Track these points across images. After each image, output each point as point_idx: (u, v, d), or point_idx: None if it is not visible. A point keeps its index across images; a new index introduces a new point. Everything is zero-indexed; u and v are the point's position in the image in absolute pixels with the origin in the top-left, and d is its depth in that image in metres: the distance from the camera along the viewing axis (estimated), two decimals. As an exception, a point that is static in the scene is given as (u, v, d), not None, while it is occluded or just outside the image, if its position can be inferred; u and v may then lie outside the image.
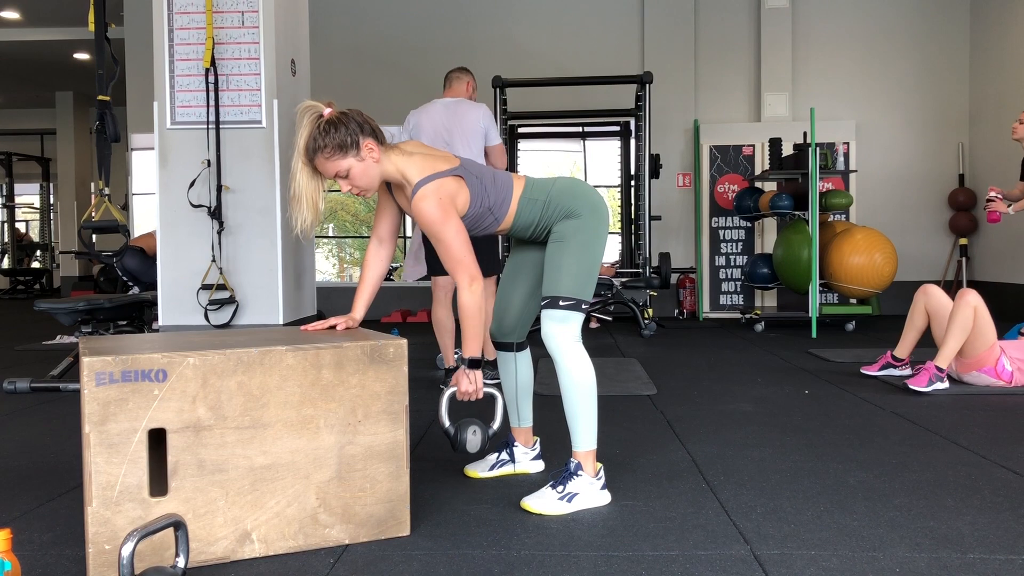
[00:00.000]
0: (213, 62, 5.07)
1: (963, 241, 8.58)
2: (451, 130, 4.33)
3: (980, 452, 2.84)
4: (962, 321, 3.93)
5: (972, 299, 3.95)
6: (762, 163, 8.51)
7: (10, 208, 15.62)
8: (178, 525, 1.69)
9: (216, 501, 1.89)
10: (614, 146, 9.38)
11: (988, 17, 8.39)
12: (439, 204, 2.21)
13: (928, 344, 4.41)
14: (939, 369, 3.97)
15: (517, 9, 9.07)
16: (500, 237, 2.06)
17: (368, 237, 11.48)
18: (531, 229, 2.40)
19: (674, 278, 8.77)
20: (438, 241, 2.23)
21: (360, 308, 2.39)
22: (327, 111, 2.19)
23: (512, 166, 8.63)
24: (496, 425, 2.40)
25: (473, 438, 2.31)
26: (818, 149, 6.88)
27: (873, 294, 6.95)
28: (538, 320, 2.66)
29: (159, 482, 1.86)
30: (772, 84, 8.72)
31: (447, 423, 2.35)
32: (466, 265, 2.24)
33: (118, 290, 8.97)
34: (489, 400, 2.50)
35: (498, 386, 3.90)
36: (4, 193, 15.66)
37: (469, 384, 2.32)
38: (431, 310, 4.56)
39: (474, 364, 2.31)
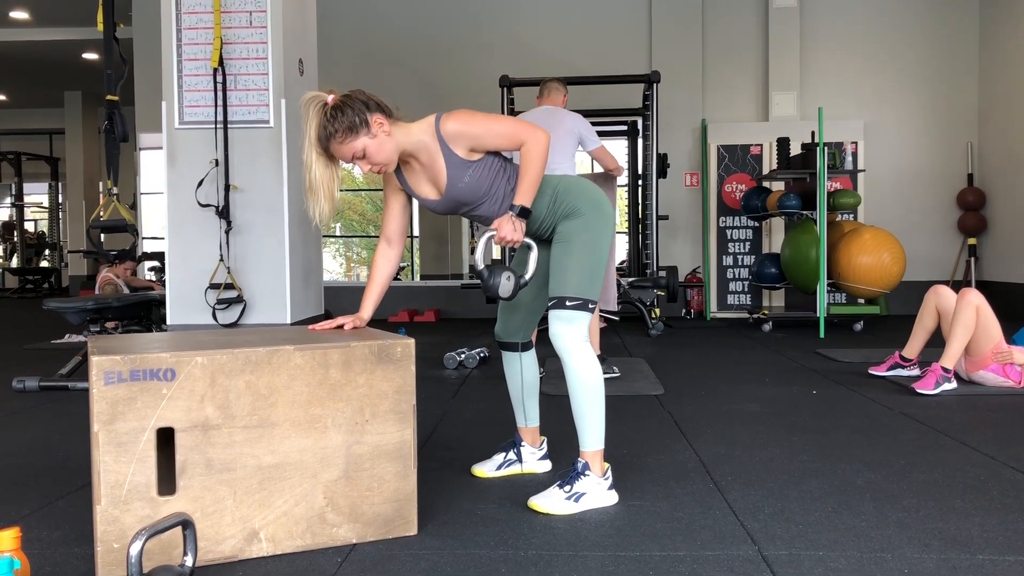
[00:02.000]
0: (221, 62, 5.09)
1: (972, 241, 8.55)
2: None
3: (989, 453, 2.83)
4: (965, 320, 3.95)
5: (973, 298, 3.98)
6: (770, 162, 8.49)
7: (19, 207, 15.68)
8: (186, 524, 1.69)
9: (224, 500, 1.89)
10: (621, 145, 9.36)
11: (997, 15, 8.35)
12: (463, 111, 2.26)
13: (937, 345, 4.39)
14: (945, 370, 3.95)
15: (524, 8, 9.07)
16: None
17: (375, 236, 11.50)
18: (538, 222, 2.39)
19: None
20: (482, 130, 2.24)
21: (368, 308, 2.39)
22: (330, 98, 2.19)
23: (519, 166, 8.62)
24: (528, 276, 2.33)
25: (507, 283, 2.25)
26: (826, 148, 6.85)
27: (881, 294, 6.93)
28: (545, 320, 2.66)
29: (167, 481, 1.87)
30: (780, 83, 8.70)
31: (482, 264, 2.29)
32: (521, 125, 2.26)
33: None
34: (524, 250, 2.41)
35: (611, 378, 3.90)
36: (13, 192, 15.72)
37: (512, 231, 2.24)
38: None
39: (523, 213, 2.25)
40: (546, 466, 2.69)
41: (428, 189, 2.35)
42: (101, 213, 5.11)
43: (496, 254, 7.80)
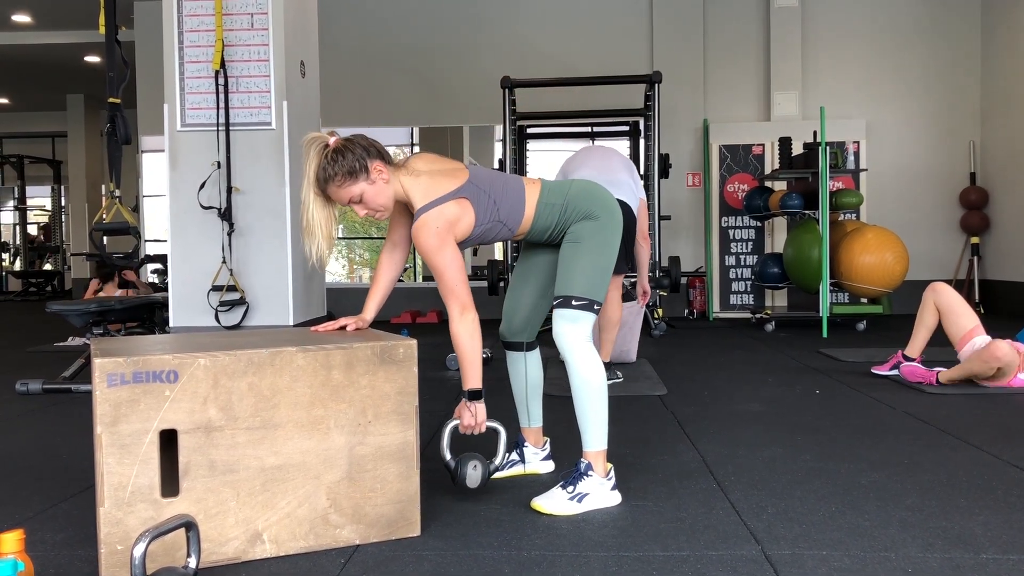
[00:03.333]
0: (223, 64, 5.09)
1: (974, 240, 8.54)
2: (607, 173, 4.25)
3: (993, 452, 2.83)
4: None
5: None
6: (772, 162, 8.48)
7: (22, 210, 15.70)
8: (189, 526, 1.69)
9: (227, 502, 1.90)
10: (623, 146, 9.36)
11: (999, 14, 8.34)
12: (436, 233, 2.21)
13: (939, 343, 4.39)
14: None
15: (526, 10, 9.07)
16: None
17: (378, 238, 11.51)
18: (547, 233, 2.40)
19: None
20: (432, 267, 2.24)
21: (371, 309, 2.39)
22: (332, 140, 2.20)
23: (521, 167, 8.63)
24: (498, 461, 2.38)
25: (473, 472, 2.30)
26: (828, 148, 6.85)
27: (884, 293, 6.92)
28: (548, 320, 2.65)
29: (171, 483, 1.87)
30: (782, 83, 8.69)
31: (448, 456, 2.34)
32: (457, 294, 2.24)
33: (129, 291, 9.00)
34: (492, 435, 2.44)
35: (615, 385, 3.92)
36: (16, 196, 15.75)
37: (471, 417, 2.31)
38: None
39: (474, 396, 2.30)
40: (549, 467, 2.69)
41: None
42: (104, 216, 5.12)
43: (498, 252, 7.78)
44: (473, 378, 2.29)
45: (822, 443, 3.00)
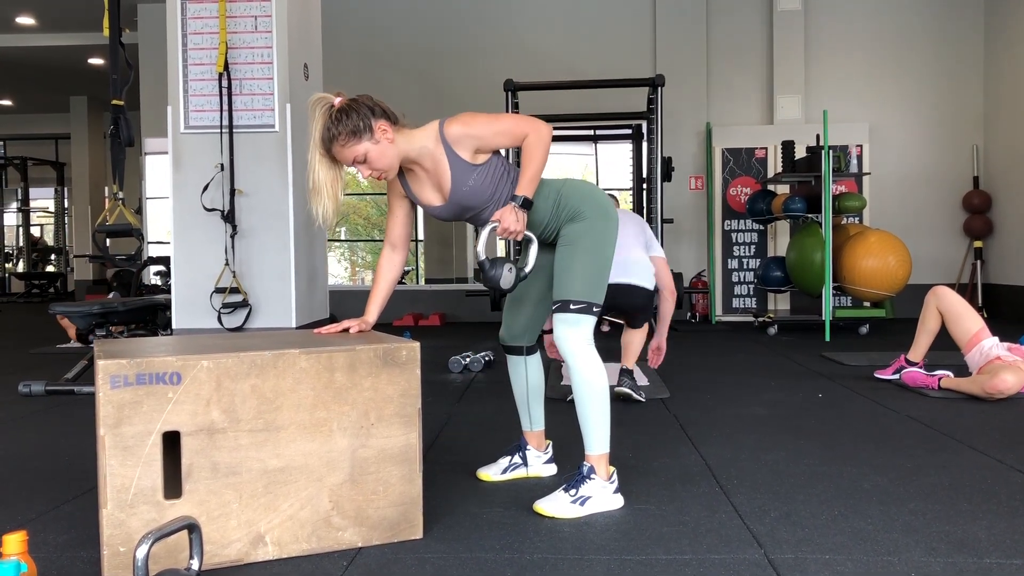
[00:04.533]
0: (226, 66, 5.10)
1: (978, 244, 8.53)
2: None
3: (996, 456, 2.82)
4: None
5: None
6: (775, 166, 8.48)
7: (25, 212, 15.73)
8: (192, 527, 1.69)
9: (230, 504, 1.90)
10: (626, 149, 9.37)
11: (1003, 18, 8.34)
12: (467, 113, 2.28)
13: (942, 347, 4.39)
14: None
15: (529, 12, 9.08)
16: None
17: (379, 240, 11.50)
18: (542, 226, 2.40)
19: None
20: (486, 129, 2.25)
21: (373, 311, 2.39)
22: (337, 100, 2.21)
23: (524, 169, 8.62)
24: (528, 269, 2.33)
25: (508, 274, 2.25)
26: (831, 151, 6.85)
27: (887, 297, 6.91)
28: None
29: (173, 484, 1.87)
30: (785, 86, 8.69)
31: (483, 255, 2.28)
32: (523, 122, 2.27)
33: (131, 293, 9.01)
34: (525, 244, 2.38)
35: (633, 391, 3.91)
36: (19, 197, 15.77)
37: (515, 222, 2.23)
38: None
39: (526, 204, 2.25)
40: (551, 470, 2.68)
41: (432, 195, 2.35)
42: (107, 217, 5.12)
43: (500, 251, 7.80)
44: (531, 186, 2.26)
45: (825, 447, 3.00)
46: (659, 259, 4.18)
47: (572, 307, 2.30)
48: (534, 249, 2.33)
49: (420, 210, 2.46)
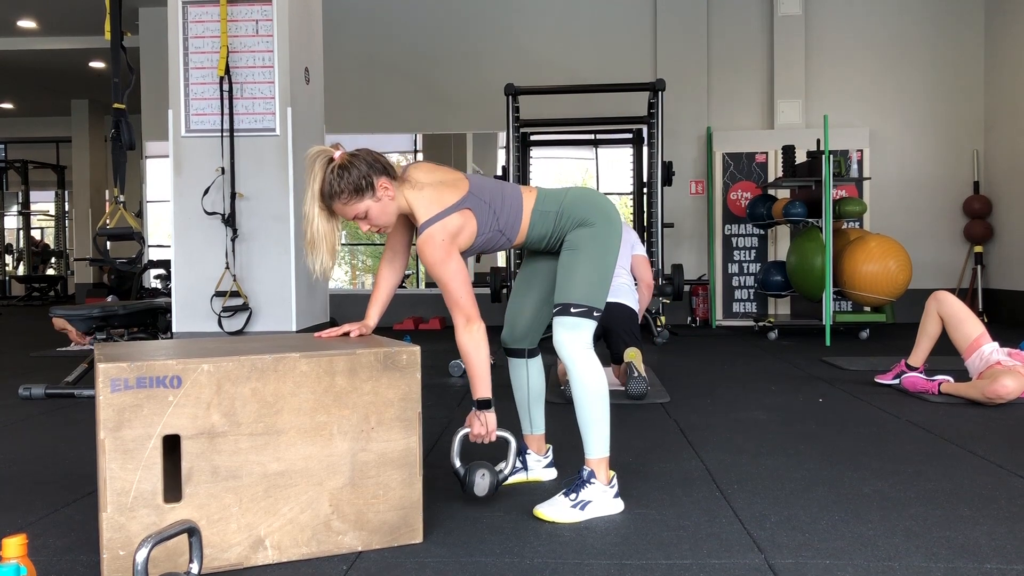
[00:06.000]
0: (227, 70, 5.11)
1: (978, 249, 8.53)
2: None
3: (997, 461, 2.82)
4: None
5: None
6: (775, 170, 8.49)
7: (26, 215, 15.74)
8: (192, 531, 1.69)
9: (230, 507, 1.89)
10: (626, 154, 9.37)
11: (1003, 23, 8.35)
12: (440, 246, 2.22)
13: (942, 352, 4.38)
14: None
15: (529, 17, 9.09)
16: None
17: (380, 245, 11.51)
18: (545, 240, 2.41)
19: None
20: (438, 280, 2.25)
21: (373, 315, 2.39)
22: (337, 154, 2.20)
23: (524, 174, 8.64)
24: (507, 470, 2.39)
25: (482, 481, 2.31)
26: (831, 156, 6.85)
27: (887, 302, 6.91)
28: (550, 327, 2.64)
29: (173, 488, 1.87)
30: (785, 91, 8.70)
31: (457, 464, 2.34)
32: (462, 306, 2.25)
33: (132, 297, 9.02)
34: (502, 444, 2.43)
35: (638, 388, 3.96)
36: (20, 200, 15.78)
37: (481, 427, 2.32)
38: None
39: (483, 405, 2.31)
40: (552, 474, 2.68)
41: None
42: (107, 221, 5.12)
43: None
44: (482, 388, 2.30)
45: (825, 452, 3.00)
46: (639, 257, 4.49)
47: (573, 311, 2.30)
48: (512, 448, 2.40)
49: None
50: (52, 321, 6.73)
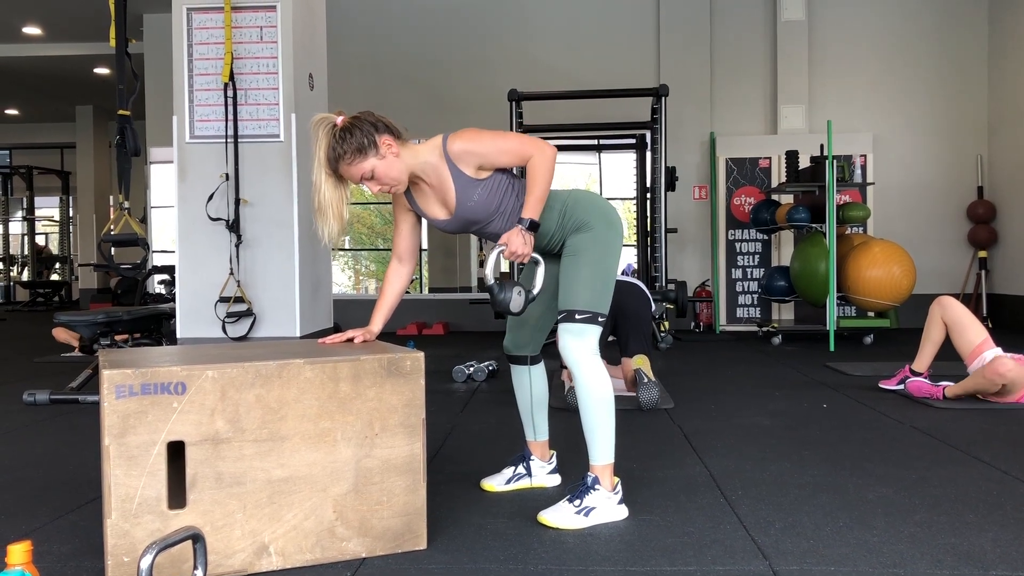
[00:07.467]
0: (232, 77, 5.12)
1: (982, 254, 8.51)
2: None
3: (1002, 467, 2.81)
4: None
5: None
6: (779, 175, 8.49)
7: (30, 221, 15.78)
8: (196, 538, 1.69)
9: (234, 514, 1.90)
10: (630, 159, 9.37)
11: (1006, 27, 8.35)
12: (471, 128, 2.29)
13: (947, 357, 4.37)
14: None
15: (533, 23, 9.11)
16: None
17: (384, 249, 11.53)
18: (547, 236, 2.40)
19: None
20: (491, 145, 2.26)
21: (378, 322, 2.39)
22: (339, 119, 2.22)
23: (528, 179, 8.63)
24: (536, 291, 2.33)
25: (517, 298, 2.25)
26: (835, 161, 6.85)
27: (891, 307, 6.90)
28: (553, 333, 2.65)
29: (178, 494, 1.87)
30: (789, 96, 8.70)
31: (492, 279, 2.27)
32: (525, 143, 2.28)
33: (136, 302, 9.03)
34: (532, 265, 2.40)
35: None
36: (24, 206, 15.82)
37: (522, 245, 2.24)
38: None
39: (532, 227, 2.25)
40: (556, 480, 2.68)
41: (438, 209, 2.36)
42: (112, 227, 5.14)
43: (504, 268, 7.80)
44: (537, 209, 2.26)
45: (829, 457, 2.99)
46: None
47: (577, 317, 2.30)
48: (541, 271, 2.34)
49: (425, 221, 2.46)
50: (54, 333, 6.74)
